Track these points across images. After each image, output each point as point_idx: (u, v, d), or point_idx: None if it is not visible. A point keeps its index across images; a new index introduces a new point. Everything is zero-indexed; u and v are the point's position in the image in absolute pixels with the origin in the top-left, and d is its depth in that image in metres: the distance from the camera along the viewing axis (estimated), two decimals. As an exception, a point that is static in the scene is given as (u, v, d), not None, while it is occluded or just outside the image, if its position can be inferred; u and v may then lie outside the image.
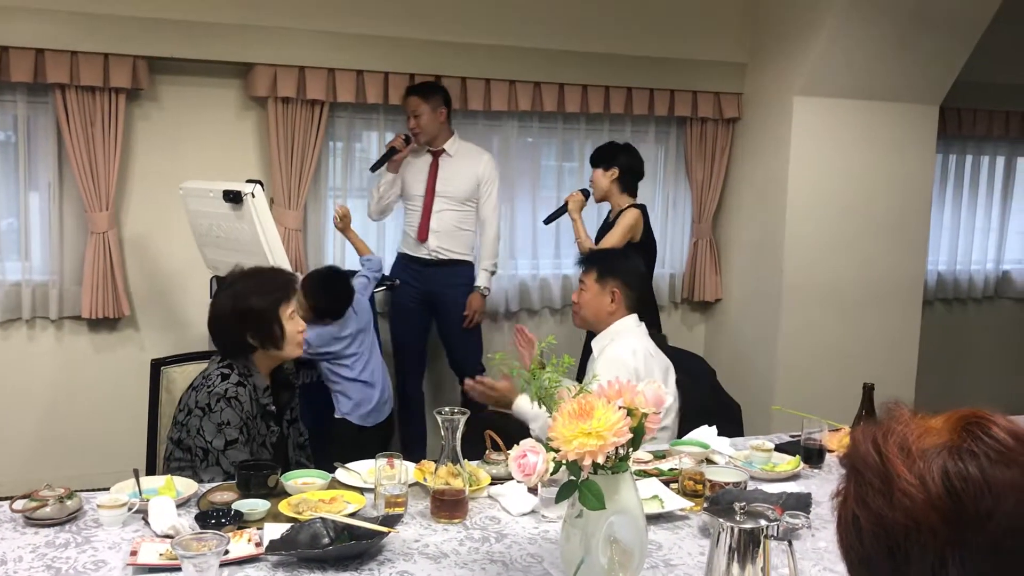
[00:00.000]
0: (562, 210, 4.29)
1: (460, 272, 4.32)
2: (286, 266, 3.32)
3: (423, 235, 4.28)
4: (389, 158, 4.22)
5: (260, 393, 2.49)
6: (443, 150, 4.28)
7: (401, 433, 4.37)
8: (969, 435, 0.94)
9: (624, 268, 3.11)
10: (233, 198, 3.41)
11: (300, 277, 3.02)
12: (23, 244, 4.11)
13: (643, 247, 4.13)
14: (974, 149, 5.90)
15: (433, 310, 4.38)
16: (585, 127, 4.96)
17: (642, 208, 4.20)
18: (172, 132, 4.24)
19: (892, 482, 0.94)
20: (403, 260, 4.39)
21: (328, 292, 3.64)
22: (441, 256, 4.30)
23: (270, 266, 3.02)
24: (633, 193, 4.25)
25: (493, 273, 4.38)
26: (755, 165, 5.01)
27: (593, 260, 3.18)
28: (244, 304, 2.47)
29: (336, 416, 3.81)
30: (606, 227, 4.26)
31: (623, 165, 4.21)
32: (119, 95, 4.02)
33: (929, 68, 4.73)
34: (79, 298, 4.13)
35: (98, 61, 3.93)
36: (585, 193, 4.25)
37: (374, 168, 4.28)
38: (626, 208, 4.17)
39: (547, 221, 4.45)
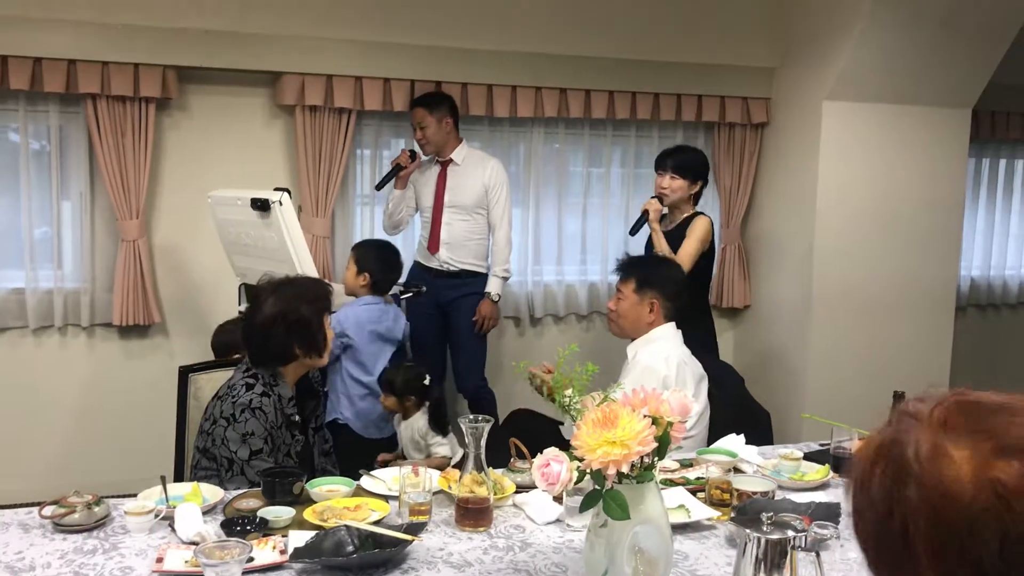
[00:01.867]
0: (643, 219, 4.03)
1: (471, 284, 4.30)
2: (313, 273, 3.34)
3: (434, 246, 4.28)
4: (394, 175, 4.22)
5: (285, 403, 2.49)
6: (451, 160, 4.27)
7: None
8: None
9: (663, 279, 3.05)
10: (261, 206, 3.43)
11: (332, 287, 3.03)
12: (56, 252, 4.16)
13: (710, 255, 4.02)
14: (1008, 153, 5.81)
15: (445, 319, 4.36)
16: (612, 133, 4.94)
17: (708, 216, 4.05)
18: (201, 141, 4.28)
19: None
20: (417, 268, 4.37)
21: (381, 259, 3.73)
22: (452, 267, 4.28)
23: (304, 276, 3.01)
24: (697, 201, 4.14)
25: (506, 279, 4.35)
26: (784, 170, 4.96)
27: (631, 269, 3.09)
28: (296, 314, 2.48)
29: (339, 421, 3.71)
30: (667, 236, 4.03)
31: (706, 179, 4.09)
32: (149, 104, 4.07)
33: (961, 71, 4.65)
34: (110, 305, 4.18)
35: (128, 71, 3.98)
36: (660, 200, 4.03)
37: (379, 186, 4.30)
38: (694, 216, 3.99)
39: (633, 232, 4.13)
